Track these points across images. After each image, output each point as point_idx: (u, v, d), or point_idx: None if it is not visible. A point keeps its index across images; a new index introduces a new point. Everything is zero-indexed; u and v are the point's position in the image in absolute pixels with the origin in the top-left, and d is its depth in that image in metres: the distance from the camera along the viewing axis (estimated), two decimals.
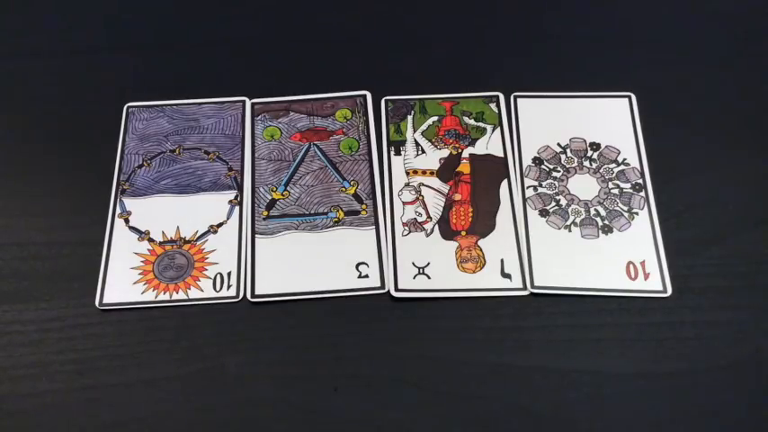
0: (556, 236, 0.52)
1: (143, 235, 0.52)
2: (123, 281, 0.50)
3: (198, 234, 0.52)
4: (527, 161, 0.55)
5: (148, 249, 0.52)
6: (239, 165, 0.56)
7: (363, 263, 0.51)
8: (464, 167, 0.55)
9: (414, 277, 0.50)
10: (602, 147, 0.55)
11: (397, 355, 0.47)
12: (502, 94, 0.58)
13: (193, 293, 0.50)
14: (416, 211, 0.53)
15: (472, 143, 0.56)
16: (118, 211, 0.53)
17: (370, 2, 0.65)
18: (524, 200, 0.53)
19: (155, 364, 0.47)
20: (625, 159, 0.55)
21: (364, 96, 0.59)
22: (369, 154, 0.56)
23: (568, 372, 0.47)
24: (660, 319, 0.48)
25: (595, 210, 0.53)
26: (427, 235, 0.52)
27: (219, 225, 0.53)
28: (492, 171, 0.55)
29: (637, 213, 0.52)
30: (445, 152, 0.56)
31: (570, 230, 0.52)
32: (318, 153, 0.56)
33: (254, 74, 0.61)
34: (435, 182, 0.54)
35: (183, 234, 0.52)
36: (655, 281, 0.49)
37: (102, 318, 0.49)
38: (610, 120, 0.57)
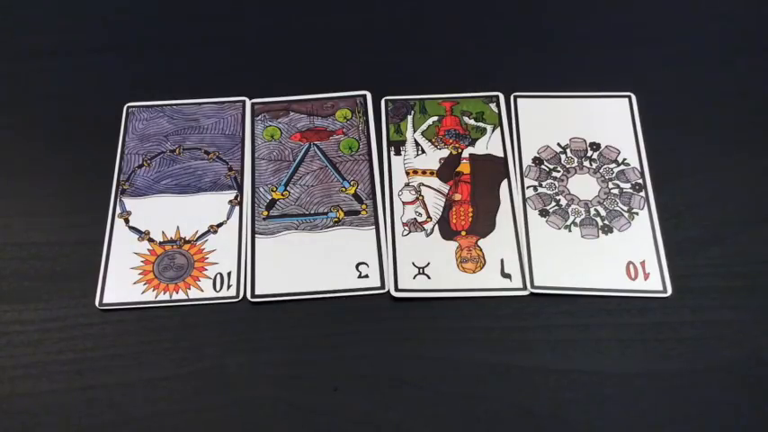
0: (556, 236, 0.52)
1: (143, 235, 0.52)
2: (123, 281, 0.50)
3: (198, 234, 0.52)
4: (527, 161, 0.55)
5: (148, 249, 0.52)
6: (239, 165, 0.56)
7: (363, 263, 0.51)
8: (464, 167, 0.55)
9: (414, 277, 0.50)
10: (602, 147, 0.55)
11: (397, 355, 0.47)
12: (502, 94, 0.58)
13: (193, 293, 0.50)
14: (416, 211, 0.53)
15: (472, 143, 0.56)
16: (118, 211, 0.53)
17: (371, 2, 0.65)
18: (524, 200, 0.53)
19: (155, 364, 0.47)
20: (625, 159, 0.55)
21: (364, 96, 0.59)
22: (369, 154, 0.56)
23: (568, 372, 0.47)
24: (660, 319, 0.48)
25: (595, 210, 0.53)
26: (427, 235, 0.52)
27: (219, 225, 0.53)
28: (492, 171, 0.55)
29: (637, 213, 0.52)
30: (445, 152, 0.56)
31: (570, 230, 0.52)
32: (318, 153, 0.56)
33: (254, 74, 0.61)
34: (435, 182, 0.54)
35: (183, 234, 0.52)
36: (655, 281, 0.49)
37: (102, 318, 0.49)
38: (610, 120, 0.57)
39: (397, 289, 0.50)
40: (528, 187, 0.54)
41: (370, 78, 0.59)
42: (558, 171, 0.54)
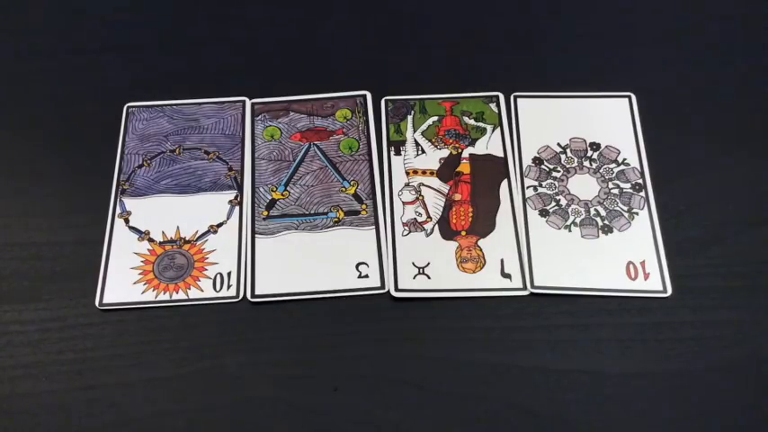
0: (556, 236, 0.52)
1: (143, 235, 0.52)
2: (123, 281, 0.50)
3: (198, 234, 0.52)
4: (527, 161, 0.55)
5: (148, 249, 0.52)
6: (239, 165, 0.56)
7: (363, 263, 0.51)
8: (464, 167, 0.55)
9: (414, 277, 0.50)
10: (602, 147, 0.55)
11: (397, 355, 0.47)
12: (502, 94, 0.58)
13: (193, 293, 0.50)
14: (416, 211, 0.53)
15: (472, 143, 0.56)
16: (118, 211, 0.53)
17: (371, 2, 0.65)
18: (524, 200, 0.53)
19: (155, 364, 0.47)
20: (625, 159, 0.55)
21: (364, 96, 0.59)
22: (369, 154, 0.56)
23: (568, 372, 0.47)
24: (660, 319, 0.48)
25: (595, 210, 0.53)
26: (427, 235, 0.52)
27: (219, 225, 0.53)
28: (492, 171, 0.55)
29: (637, 213, 0.52)
30: (445, 152, 0.56)
31: (570, 230, 0.52)
32: (318, 153, 0.56)
33: (254, 74, 0.61)
34: (435, 182, 0.54)
35: (183, 234, 0.52)
36: (655, 281, 0.49)
37: (102, 318, 0.49)
38: (610, 120, 0.57)
39: (397, 289, 0.50)
40: (528, 187, 0.54)
41: (370, 78, 0.59)
42: (558, 171, 0.54)
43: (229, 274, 0.51)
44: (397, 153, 0.56)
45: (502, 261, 0.50)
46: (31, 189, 0.55)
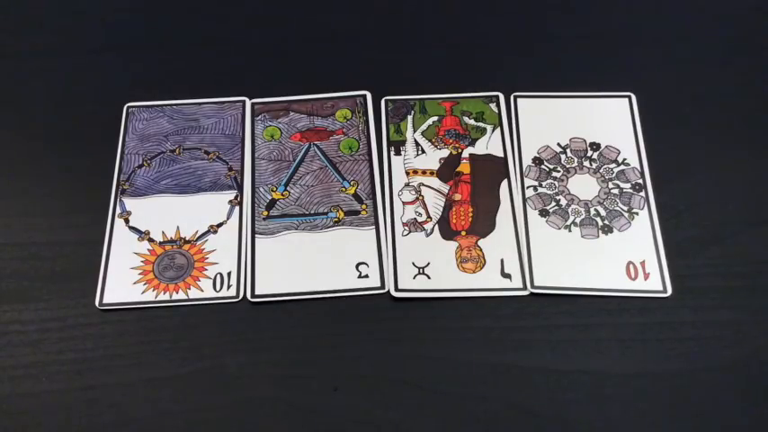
0: (556, 236, 0.52)
1: (143, 235, 0.52)
2: (123, 281, 0.50)
3: (198, 234, 0.52)
4: (527, 161, 0.55)
5: (148, 249, 0.52)
6: (239, 165, 0.56)
7: (363, 263, 0.51)
8: (464, 167, 0.55)
9: (414, 277, 0.50)
10: (602, 147, 0.55)
11: (397, 355, 0.47)
12: (502, 94, 0.58)
13: (193, 293, 0.50)
14: (416, 211, 0.53)
15: (472, 143, 0.56)
16: (118, 211, 0.53)
17: (371, 2, 0.65)
18: (524, 200, 0.53)
19: (155, 364, 0.47)
20: (625, 159, 0.55)
21: (364, 96, 0.59)
22: (369, 154, 0.56)
23: (568, 372, 0.47)
24: (660, 319, 0.48)
25: (595, 210, 0.53)
26: (427, 235, 0.52)
27: (219, 225, 0.53)
28: (492, 171, 0.55)
29: (637, 213, 0.52)
30: (445, 152, 0.56)
31: (570, 230, 0.52)
32: (318, 153, 0.56)
33: (254, 74, 0.61)
34: (435, 182, 0.54)
35: (183, 234, 0.52)
36: (655, 281, 0.49)
37: (102, 318, 0.49)
38: (610, 120, 0.57)
39: (397, 289, 0.50)
40: (528, 187, 0.54)
41: (370, 78, 0.59)
42: (558, 171, 0.54)
43: (229, 274, 0.51)
44: (397, 153, 0.56)
45: (502, 261, 0.50)
46: (31, 189, 0.55)
